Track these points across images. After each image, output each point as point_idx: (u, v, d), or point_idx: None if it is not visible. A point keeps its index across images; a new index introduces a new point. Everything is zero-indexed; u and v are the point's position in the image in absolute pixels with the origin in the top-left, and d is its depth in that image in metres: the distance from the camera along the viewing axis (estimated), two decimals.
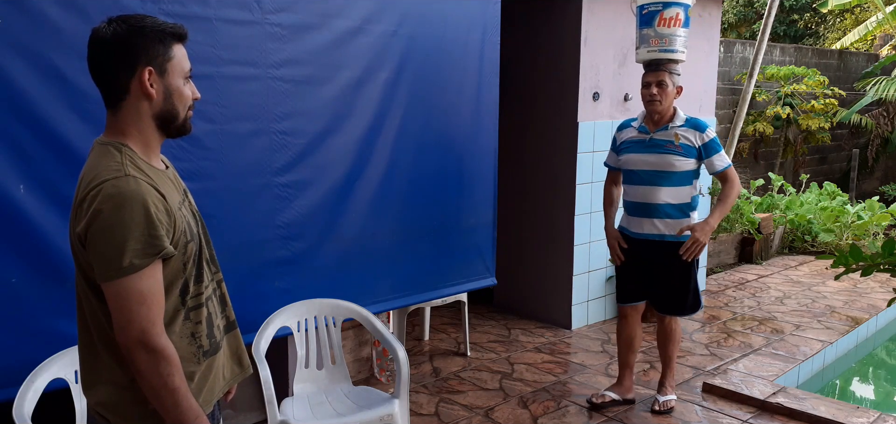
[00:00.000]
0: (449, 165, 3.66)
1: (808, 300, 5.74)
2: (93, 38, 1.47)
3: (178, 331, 1.52)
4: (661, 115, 3.33)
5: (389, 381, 3.92)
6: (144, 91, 1.47)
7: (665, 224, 3.33)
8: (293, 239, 3.08)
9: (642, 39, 3.52)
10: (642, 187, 3.36)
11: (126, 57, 1.45)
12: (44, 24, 2.34)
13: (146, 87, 1.47)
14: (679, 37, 3.50)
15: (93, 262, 1.39)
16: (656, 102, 3.27)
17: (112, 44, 1.45)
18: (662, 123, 3.35)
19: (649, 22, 3.49)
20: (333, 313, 3.07)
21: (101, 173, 1.40)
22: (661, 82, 3.27)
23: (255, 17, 2.84)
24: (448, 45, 3.56)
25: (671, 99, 3.31)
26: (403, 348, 2.95)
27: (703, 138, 3.29)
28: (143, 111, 1.49)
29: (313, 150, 3.09)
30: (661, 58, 3.39)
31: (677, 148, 3.28)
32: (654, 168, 3.32)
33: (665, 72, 3.28)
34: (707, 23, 5.57)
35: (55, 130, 2.41)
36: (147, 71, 1.46)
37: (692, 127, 3.31)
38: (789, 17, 14.10)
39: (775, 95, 8.86)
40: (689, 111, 5.61)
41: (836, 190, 8.17)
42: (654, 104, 3.28)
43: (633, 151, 3.41)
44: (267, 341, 2.82)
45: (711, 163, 3.31)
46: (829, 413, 3.48)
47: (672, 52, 3.44)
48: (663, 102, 3.27)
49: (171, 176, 1.60)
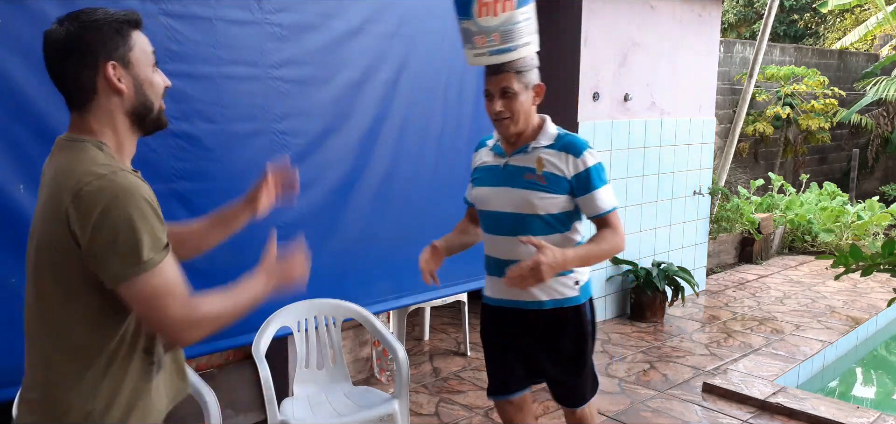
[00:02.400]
0: (449, 164, 3.66)
1: (808, 300, 5.74)
2: (46, 41, 1.38)
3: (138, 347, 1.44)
4: (517, 134, 2.25)
5: (389, 381, 3.92)
6: (113, 87, 1.37)
7: (540, 286, 2.20)
8: (293, 239, 3.07)
9: (465, 37, 2.27)
10: (500, 237, 2.27)
11: (85, 55, 1.36)
12: (44, 25, 2.32)
13: (113, 82, 1.37)
14: (518, 24, 2.25)
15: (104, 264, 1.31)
16: (505, 120, 2.20)
17: (67, 44, 1.36)
18: (521, 143, 2.26)
19: (465, 11, 2.23)
20: (333, 313, 3.07)
21: (91, 170, 1.31)
22: (506, 90, 2.17)
23: (256, 17, 2.84)
24: (448, 45, 3.56)
25: (527, 109, 2.22)
26: (403, 348, 2.95)
27: (576, 166, 2.18)
28: (114, 109, 1.40)
29: (313, 150, 3.09)
30: (497, 61, 2.20)
31: (539, 179, 2.20)
32: (511, 209, 2.24)
33: (510, 74, 2.18)
34: (707, 22, 5.57)
35: (55, 130, 2.38)
36: (110, 65, 1.37)
37: (564, 148, 2.20)
38: (789, 17, 14.11)
39: (775, 95, 8.86)
40: (688, 112, 5.68)
41: (836, 190, 8.18)
42: (501, 123, 2.22)
43: (485, 182, 2.33)
44: (267, 341, 2.82)
45: (588, 203, 2.19)
46: (829, 413, 3.48)
47: (509, 50, 2.21)
48: (515, 118, 2.19)
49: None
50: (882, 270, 1.94)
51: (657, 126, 5.29)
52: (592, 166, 2.19)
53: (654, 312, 5.12)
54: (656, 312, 5.12)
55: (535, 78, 2.26)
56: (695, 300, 5.66)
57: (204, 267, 2.81)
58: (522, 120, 2.22)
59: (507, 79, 2.18)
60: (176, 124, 2.66)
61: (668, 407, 3.70)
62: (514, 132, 2.24)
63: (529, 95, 2.23)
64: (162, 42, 2.59)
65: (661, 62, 5.22)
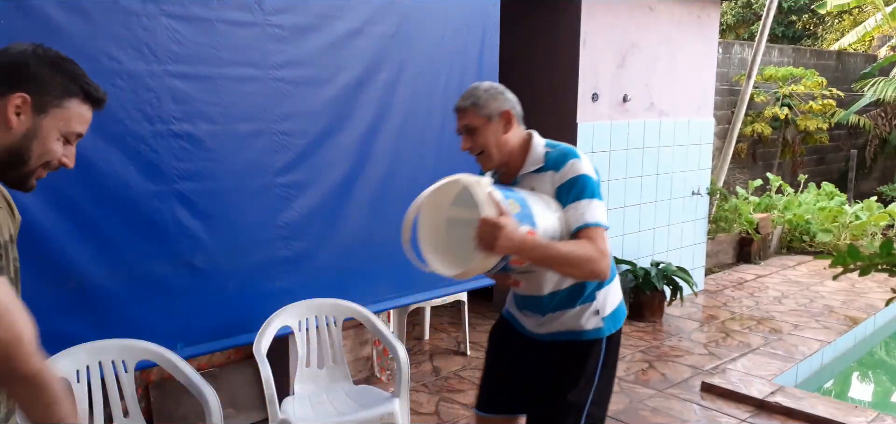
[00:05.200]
0: (448, 164, 3.66)
1: (806, 300, 5.75)
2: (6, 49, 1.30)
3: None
4: (503, 166, 2.11)
5: (390, 380, 3.93)
6: (4, 117, 1.25)
7: (556, 322, 2.10)
8: (294, 239, 3.09)
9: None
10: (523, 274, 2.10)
11: (10, 75, 1.26)
12: (45, 25, 2.35)
13: (10, 114, 1.25)
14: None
15: None
16: (480, 157, 2.07)
17: (12, 60, 1.27)
18: (512, 176, 2.10)
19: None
20: (334, 312, 3.08)
21: None
22: (469, 127, 2.04)
23: (256, 18, 2.85)
24: (447, 47, 3.57)
25: (499, 139, 2.04)
26: (404, 347, 2.97)
27: (556, 180, 1.99)
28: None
29: (314, 150, 3.11)
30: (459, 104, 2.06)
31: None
32: None
33: (468, 110, 2.03)
34: (705, 24, 5.59)
35: None
36: (20, 97, 1.25)
37: (551, 166, 2.02)
38: (788, 18, 14.13)
39: (773, 96, 8.88)
40: (687, 113, 5.70)
41: (835, 190, 8.19)
42: (479, 160, 2.08)
43: None
44: (268, 340, 2.83)
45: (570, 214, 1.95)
46: (828, 413, 3.49)
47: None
48: (489, 154, 2.05)
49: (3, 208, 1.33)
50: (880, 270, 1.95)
51: (656, 127, 5.30)
52: (574, 177, 1.96)
53: (653, 311, 5.13)
54: (655, 311, 5.13)
55: (498, 107, 2.03)
56: (693, 300, 5.68)
57: (205, 267, 2.83)
58: (496, 152, 2.05)
59: (467, 116, 2.04)
60: (177, 125, 2.68)
61: (667, 407, 3.71)
62: (493, 166, 2.09)
63: (497, 125, 2.04)
64: (163, 43, 2.60)
65: (659, 63, 5.24)
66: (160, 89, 2.61)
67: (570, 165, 1.98)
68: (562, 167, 1.99)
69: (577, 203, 1.94)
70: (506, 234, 1.76)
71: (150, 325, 2.65)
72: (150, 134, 2.61)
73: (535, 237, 1.85)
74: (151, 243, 2.66)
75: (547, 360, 2.14)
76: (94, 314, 2.54)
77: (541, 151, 2.07)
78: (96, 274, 2.53)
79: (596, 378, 2.09)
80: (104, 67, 2.47)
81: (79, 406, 2.34)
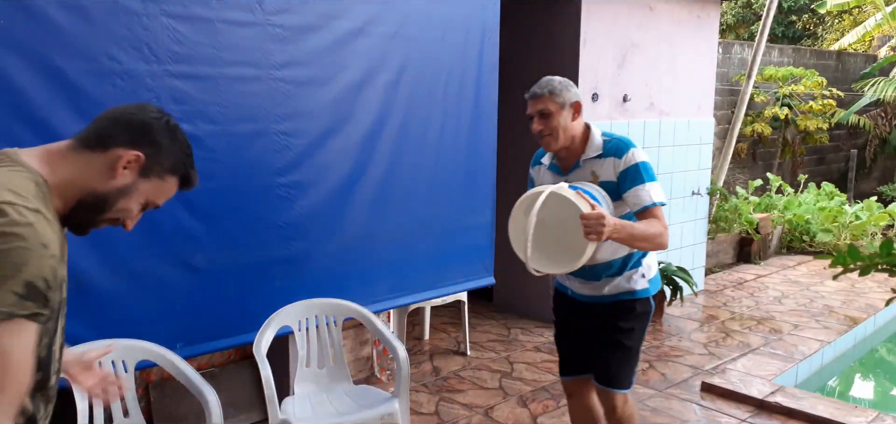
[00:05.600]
0: (449, 165, 3.68)
1: (806, 300, 5.76)
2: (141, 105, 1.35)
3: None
4: (564, 150, 2.45)
5: (390, 380, 3.94)
6: (114, 165, 1.27)
7: (610, 285, 2.50)
8: (294, 239, 3.09)
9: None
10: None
11: (138, 132, 1.29)
12: (45, 25, 2.35)
13: (120, 164, 1.27)
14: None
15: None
16: (547, 139, 2.41)
17: (144, 118, 1.30)
18: (573, 159, 2.45)
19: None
20: (334, 312, 3.08)
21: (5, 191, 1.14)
22: (544, 112, 2.37)
23: (257, 18, 2.85)
24: (448, 47, 3.58)
25: (567, 125, 2.39)
26: (404, 347, 2.97)
27: (619, 166, 2.36)
28: (89, 177, 1.26)
29: (314, 150, 3.11)
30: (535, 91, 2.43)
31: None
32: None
33: (545, 97, 2.38)
34: (705, 24, 5.59)
35: (55, 130, 2.41)
36: (136, 155, 1.28)
37: (612, 153, 2.38)
38: (788, 18, 14.13)
39: (773, 96, 8.88)
40: (687, 113, 5.70)
41: (834, 190, 8.19)
42: (544, 141, 2.43)
43: None
44: (268, 340, 2.83)
45: (632, 197, 2.33)
46: (828, 412, 3.49)
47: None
48: (556, 136, 2.39)
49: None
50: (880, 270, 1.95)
51: (656, 127, 5.30)
52: (634, 164, 2.34)
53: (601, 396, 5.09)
54: (655, 312, 5.13)
55: (572, 98, 2.40)
56: (693, 300, 5.68)
57: (205, 267, 2.83)
58: (563, 136, 2.39)
59: (542, 101, 2.38)
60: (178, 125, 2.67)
61: (667, 407, 3.71)
62: (558, 148, 2.42)
63: (568, 112, 2.39)
64: (163, 43, 2.60)
65: (659, 63, 5.24)
66: (160, 89, 2.61)
67: (631, 153, 2.35)
68: (624, 154, 2.35)
69: (641, 186, 2.32)
70: (607, 222, 2.11)
71: (150, 325, 2.65)
72: None
73: (623, 220, 2.22)
74: (151, 243, 2.66)
75: (603, 319, 2.53)
76: (94, 314, 2.53)
77: (599, 140, 2.42)
78: (96, 274, 2.53)
79: (643, 328, 2.57)
80: (104, 67, 2.47)
81: (79, 405, 2.34)
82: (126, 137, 1.28)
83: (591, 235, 2.12)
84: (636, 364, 2.59)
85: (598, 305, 2.54)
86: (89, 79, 2.45)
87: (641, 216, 2.32)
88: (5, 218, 1.10)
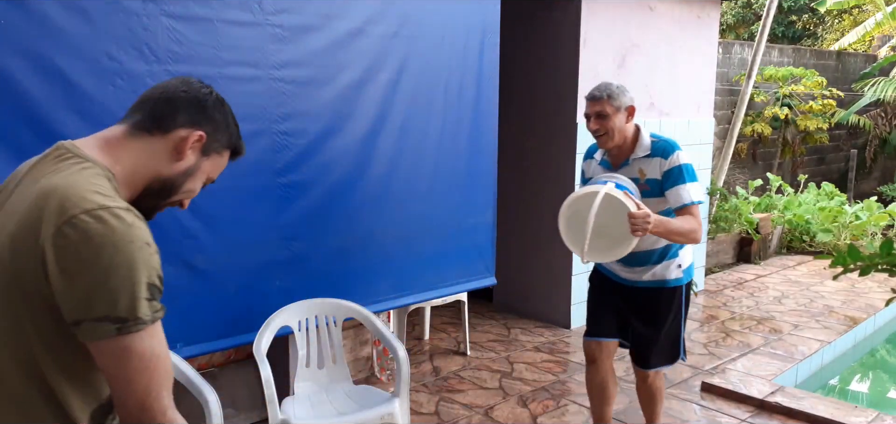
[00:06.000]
0: (449, 165, 3.68)
1: (806, 300, 5.75)
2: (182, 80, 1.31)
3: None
4: (617, 148, 2.75)
5: (390, 380, 3.93)
6: (179, 147, 1.25)
7: (649, 272, 2.80)
8: (294, 239, 3.09)
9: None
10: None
11: (195, 110, 1.27)
12: (44, 25, 2.35)
13: (185, 146, 1.25)
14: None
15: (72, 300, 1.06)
16: (603, 138, 2.70)
17: (197, 96, 1.28)
18: (623, 157, 2.76)
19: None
20: (334, 312, 3.08)
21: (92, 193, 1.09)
22: (601, 114, 2.67)
23: (257, 18, 2.85)
24: (448, 47, 3.57)
25: (621, 126, 2.68)
26: (404, 347, 2.97)
27: (664, 166, 2.65)
28: (154, 162, 1.24)
29: (314, 150, 3.10)
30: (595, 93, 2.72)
31: (644, 187, 2.69)
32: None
33: (603, 100, 2.66)
34: (705, 24, 5.59)
35: (57, 130, 2.42)
36: (199, 135, 1.26)
37: (658, 154, 2.68)
38: (788, 18, 14.13)
39: (773, 96, 8.88)
40: (687, 113, 5.69)
41: (835, 190, 8.19)
42: (600, 139, 2.72)
43: None
44: (268, 340, 2.83)
45: (673, 195, 2.64)
46: (828, 413, 3.49)
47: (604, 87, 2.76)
48: (611, 135, 2.68)
49: None
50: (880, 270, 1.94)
51: (656, 127, 5.30)
52: (678, 166, 2.63)
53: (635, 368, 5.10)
54: None
55: (627, 102, 2.68)
56: (693, 300, 5.68)
57: (205, 268, 2.83)
58: (617, 135, 2.68)
59: (600, 104, 2.66)
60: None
61: (667, 407, 3.71)
62: (611, 146, 2.71)
63: (623, 114, 2.68)
64: (163, 43, 2.60)
65: (659, 63, 5.24)
66: None
67: (676, 155, 2.65)
68: (669, 156, 2.65)
69: (682, 186, 2.62)
70: (652, 219, 2.42)
71: None
72: None
73: (662, 217, 2.52)
74: None
75: (642, 303, 2.84)
76: None
77: (648, 141, 2.71)
78: None
79: (682, 314, 2.87)
80: (104, 66, 2.47)
81: None
82: (185, 117, 1.26)
83: (638, 231, 2.41)
84: (676, 344, 2.90)
85: (637, 289, 2.83)
86: (89, 79, 2.45)
87: (680, 213, 2.61)
88: (105, 225, 1.07)
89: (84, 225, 1.06)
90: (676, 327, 2.88)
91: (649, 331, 2.86)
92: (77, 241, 1.06)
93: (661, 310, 2.83)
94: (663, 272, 2.79)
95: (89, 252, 1.06)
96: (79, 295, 1.06)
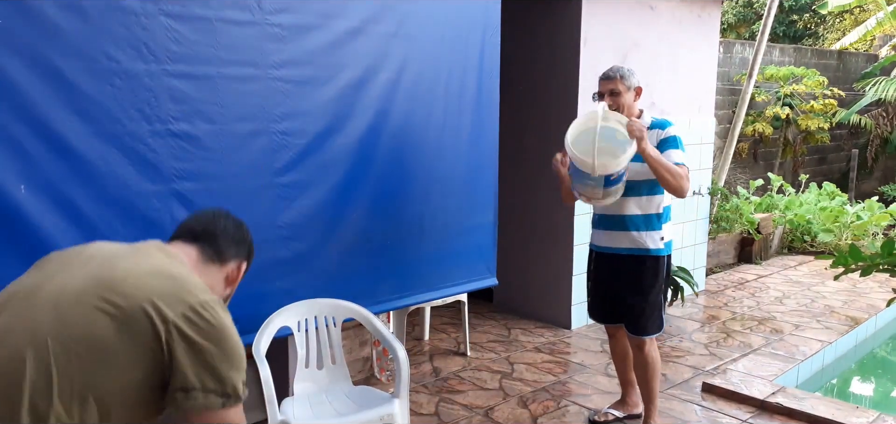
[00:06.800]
0: (449, 165, 3.67)
1: (807, 300, 5.74)
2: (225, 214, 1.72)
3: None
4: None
5: (389, 381, 3.93)
6: (230, 276, 1.66)
7: (630, 238, 3.19)
8: (293, 239, 3.08)
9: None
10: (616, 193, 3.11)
11: (240, 245, 1.69)
12: (43, 24, 2.34)
13: (234, 275, 1.67)
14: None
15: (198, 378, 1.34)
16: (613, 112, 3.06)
17: (233, 230, 1.68)
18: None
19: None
20: (333, 312, 3.07)
21: (205, 290, 1.45)
22: (614, 92, 3.10)
23: (256, 17, 2.84)
24: (448, 46, 3.57)
25: (630, 104, 3.13)
26: (403, 347, 2.96)
27: (660, 136, 3.10)
28: (217, 284, 1.64)
29: (314, 150, 3.10)
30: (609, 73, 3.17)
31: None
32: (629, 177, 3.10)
33: (616, 79, 3.11)
34: (706, 23, 5.58)
35: (56, 130, 2.41)
36: (243, 264, 1.69)
37: (657, 127, 3.14)
38: (789, 17, 14.11)
39: (775, 96, 8.87)
40: (688, 112, 5.69)
41: (836, 190, 8.18)
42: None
43: None
44: (267, 340, 2.83)
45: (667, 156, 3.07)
46: (829, 413, 3.48)
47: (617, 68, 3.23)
48: (621, 111, 3.07)
49: None
50: (881, 270, 1.94)
51: None
52: (672, 136, 3.10)
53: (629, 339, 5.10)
54: None
55: (635, 83, 3.15)
56: (694, 300, 5.67)
57: None
58: (626, 111, 3.09)
59: (614, 82, 3.12)
60: (176, 125, 2.67)
61: (668, 407, 3.70)
62: None
63: (632, 94, 3.13)
64: (162, 42, 2.59)
65: (660, 63, 5.22)
66: (159, 89, 2.60)
67: (670, 128, 3.12)
68: (666, 128, 3.12)
69: (675, 150, 3.06)
70: (644, 132, 2.91)
71: None
72: (148, 134, 2.60)
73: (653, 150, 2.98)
74: None
75: (628, 272, 3.21)
76: None
77: (649, 118, 3.18)
78: None
79: (661, 282, 3.23)
80: (102, 66, 2.47)
81: None
82: (233, 251, 1.67)
83: (635, 135, 2.88)
84: (660, 313, 3.24)
85: (620, 258, 3.22)
86: (87, 78, 2.44)
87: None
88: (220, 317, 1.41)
89: (212, 311, 1.39)
90: (657, 295, 3.22)
91: (638, 300, 3.21)
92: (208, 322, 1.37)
93: (646, 278, 3.19)
94: (645, 240, 3.16)
95: (216, 334, 1.38)
96: (196, 368, 1.35)
